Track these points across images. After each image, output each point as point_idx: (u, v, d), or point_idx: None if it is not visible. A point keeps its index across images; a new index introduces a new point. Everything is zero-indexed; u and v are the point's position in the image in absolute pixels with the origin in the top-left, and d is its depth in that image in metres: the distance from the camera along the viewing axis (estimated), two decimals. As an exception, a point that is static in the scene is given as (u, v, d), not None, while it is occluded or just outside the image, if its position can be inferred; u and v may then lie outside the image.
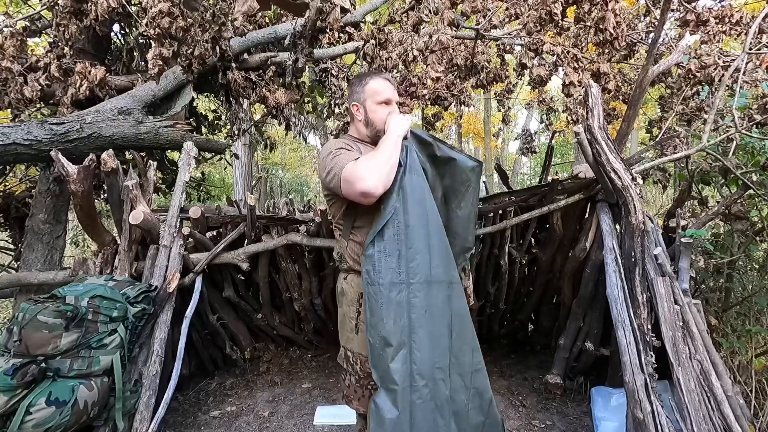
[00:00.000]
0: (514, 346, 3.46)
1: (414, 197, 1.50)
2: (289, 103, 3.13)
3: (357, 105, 1.64)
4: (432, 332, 1.49)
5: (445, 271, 1.55)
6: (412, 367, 1.44)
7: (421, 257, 1.49)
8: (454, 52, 3.57)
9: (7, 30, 2.62)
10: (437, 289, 1.52)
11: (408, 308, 1.46)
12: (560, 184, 2.46)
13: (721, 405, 1.81)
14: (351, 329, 1.63)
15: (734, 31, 3.14)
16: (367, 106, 1.62)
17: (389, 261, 1.46)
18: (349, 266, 1.65)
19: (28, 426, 1.59)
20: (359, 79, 1.65)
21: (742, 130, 2.23)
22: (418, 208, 1.50)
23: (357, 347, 1.61)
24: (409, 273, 1.47)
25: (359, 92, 1.63)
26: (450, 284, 1.56)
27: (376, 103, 1.60)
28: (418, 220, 1.50)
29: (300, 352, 3.39)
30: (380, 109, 1.60)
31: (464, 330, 1.59)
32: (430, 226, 1.53)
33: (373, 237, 1.47)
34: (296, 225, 2.65)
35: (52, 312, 1.71)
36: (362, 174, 1.38)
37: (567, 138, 11.72)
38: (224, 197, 7.92)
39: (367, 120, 1.63)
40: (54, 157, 2.10)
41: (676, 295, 2.04)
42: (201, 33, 2.43)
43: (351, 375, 1.65)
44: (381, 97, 1.60)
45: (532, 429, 2.41)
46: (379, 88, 1.60)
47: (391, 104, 1.62)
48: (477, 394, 1.58)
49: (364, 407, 1.64)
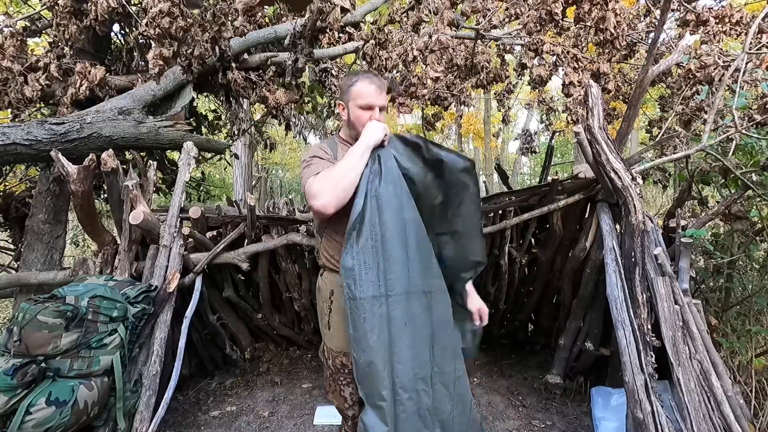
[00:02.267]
0: (514, 346, 3.46)
1: (390, 207, 1.46)
2: (289, 103, 3.13)
3: (342, 104, 1.62)
4: (413, 344, 1.48)
5: (423, 281, 1.52)
6: (395, 380, 1.45)
7: (399, 269, 1.46)
8: (454, 52, 3.57)
9: (7, 30, 2.62)
10: (416, 299, 1.50)
11: (388, 322, 1.45)
12: (560, 184, 2.46)
13: (721, 405, 1.82)
14: (324, 325, 1.67)
15: (734, 31, 3.14)
16: (350, 108, 1.58)
17: (369, 274, 1.43)
18: (323, 263, 1.68)
19: (28, 426, 1.59)
20: (348, 78, 1.62)
21: (742, 130, 2.23)
22: (394, 219, 1.46)
23: (329, 342, 1.66)
24: (388, 285, 1.45)
25: (345, 92, 1.60)
26: (429, 294, 1.54)
27: (358, 107, 1.55)
28: (395, 231, 1.46)
29: (300, 352, 3.39)
30: (362, 113, 1.55)
31: (446, 338, 1.57)
32: (409, 236, 1.49)
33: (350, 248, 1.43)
34: (296, 225, 2.65)
35: (52, 312, 1.71)
36: (315, 191, 1.40)
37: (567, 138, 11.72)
38: (224, 197, 7.92)
39: (349, 121, 1.61)
40: (54, 157, 2.10)
41: (676, 295, 2.04)
42: (201, 33, 2.43)
43: (326, 368, 1.71)
44: (363, 101, 1.54)
45: (532, 429, 2.41)
46: (363, 92, 1.54)
47: (373, 109, 1.55)
48: (460, 400, 1.59)
49: (337, 400, 1.71)
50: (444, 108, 4.05)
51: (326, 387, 1.77)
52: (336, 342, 1.62)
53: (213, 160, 5.44)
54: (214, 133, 4.27)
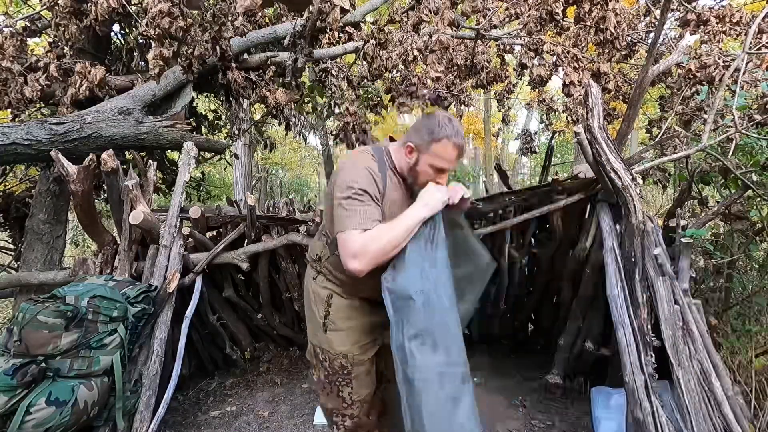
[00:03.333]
0: (514, 346, 3.46)
1: (444, 274, 1.33)
2: (289, 103, 3.14)
3: (413, 148, 1.45)
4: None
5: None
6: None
7: (459, 343, 1.31)
8: (454, 52, 3.57)
9: (7, 30, 2.62)
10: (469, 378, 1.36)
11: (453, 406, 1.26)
12: (560, 184, 2.46)
13: (721, 405, 1.81)
14: (319, 326, 1.63)
15: (734, 31, 3.14)
16: (422, 160, 1.44)
17: (424, 350, 1.25)
18: (322, 271, 1.63)
19: (28, 426, 1.59)
20: (434, 125, 1.42)
21: (742, 130, 2.23)
22: (449, 288, 1.33)
23: (326, 344, 1.61)
24: (450, 363, 1.28)
25: (425, 140, 1.42)
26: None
27: (431, 166, 1.44)
28: (451, 300, 1.32)
29: (300, 352, 3.38)
30: (432, 173, 1.45)
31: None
32: (455, 306, 1.35)
33: (399, 321, 1.28)
34: (296, 225, 2.65)
35: (52, 312, 1.71)
36: (355, 253, 1.31)
37: (567, 138, 11.72)
38: (224, 197, 7.93)
39: (413, 170, 1.48)
40: (54, 157, 2.10)
41: (676, 295, 2.03)
42: (201, 33, 2.43)
43: (320, 370, 1.66)
44: (440, 164, 1.43)
45: (532, 429, 2.41)
46: (445, 156, 1.42)
47: (445, 173, 1.46)
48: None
49: (332, 403, 1.67)
50: (444, 108, 4.05)
51: (318, 389, 1.72)
52: (336, 343, 1.59)
53: (213, 160, 5.44)
54: (214, 133, 4.27)
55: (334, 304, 1.60)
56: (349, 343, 1.59)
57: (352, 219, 1.34)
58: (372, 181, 1.41)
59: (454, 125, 1.43)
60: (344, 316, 1.60)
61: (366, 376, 1.64)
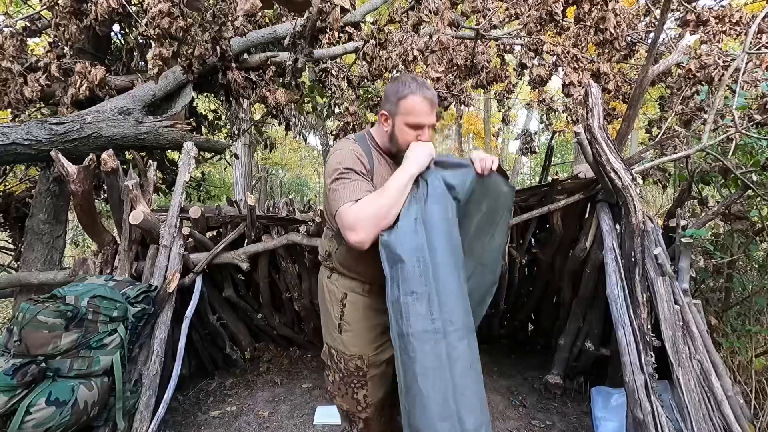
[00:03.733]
0: (514, 346, 3.46)
1: (439, 230, 1.29)
2: (289, 103, 3.13)
3: (386, 115, 1.48)
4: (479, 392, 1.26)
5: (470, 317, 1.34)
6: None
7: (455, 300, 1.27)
8: (454, 52, 3.58)
9: (7, 30, 2.62)
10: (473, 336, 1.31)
11: (449, 365, 1.22)
12: (560, 184, 2.46)
13: (721, 405, 1.81)
14: (334, 327, 1.59)
15: (734, 31, 3.14)
16: (396, 123, 1.45)
17: (418, 306, 1.23)
18: (335, 267, 1.61)
19: (28, 426, 1.59)
20: (398, 85, 1.45)
21: (742, 130, 2.23)
22: (445, 243, 1.29)
23: (341, 346, 1.58)
24: (444, 320, 1.24)
25: (393, 103, 1.45)
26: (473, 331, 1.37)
27: (406, 124, 1.43)
28: (448, 258, 1.28)
29: (300, 352, 3.39)
30: (409, 132, 1.44)
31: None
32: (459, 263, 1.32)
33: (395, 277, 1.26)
34: (296, 225, 2.65)
35: (52, 312, 1.71)
36: (352, 224, 1.29)
37: (567, 138, 11.73)
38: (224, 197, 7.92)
39: (392, 135, 1.49)
40: (54, 157, 2.10)
41: (676, 295, 2.03)
42: (201, 33, 2.43)
43: (335, 372, 1.63)
44: (413, 119, 1.43)
45: (532, 429, 2.41)
46: (415, 109, 1.42)
47: (423, 129, 1.44)
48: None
49: (348, 404, 1.63)
50: (444, 108, 4.05)
51: (333, 391, 1.66)
52: (351, 345, 1.55)
53: (213, 160, 5.44)
54: (214, 133, 4.27)
55: (350, 303, 1.56)
56: (364, 344, 1.55)
57: (343, 195, 1.35)
58: (356, 160, 1.43)
59: (418, 81, 1.44)
60: (360, 316, 1.57)
61: (382, 378, 1.60)
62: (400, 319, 1.24)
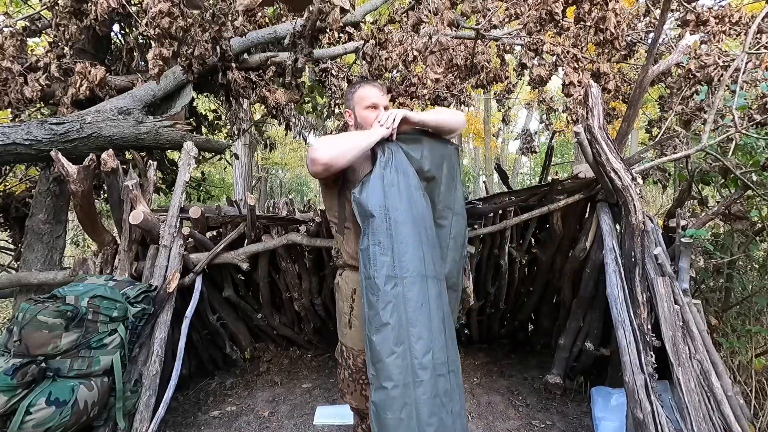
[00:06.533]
0: (514, 346, 3.46)
1: (400, 195, 1.54)
2: (289, 103, 3.13)
3: (348, 111, 1.80)
4: (430, 326, 1.49)
5: (435, 268, 1.58)
6: (413, 362, 1.43)
7: (413, 252, 1.51)
8: (454, 52, 3.57)
9: (7, 30, 2.62)
10: (432, 284, 1.54)
11: (404, 302, 1.46)
12: (560, 184, 2.46)
13: (721, 405, 1.81)
14: (345, 324, 1.67)
15: (734, 31, 3.14)
16: (357, 113, 1.76)
17: (384, 255, 1.47)
18: (345, 261, 1.70)
19: (28, 426, 1.59)
20: (350, 87, 1.84)
21: (741, 130, 2.23)
22: (406, 206, 1.54)
23: (350, 342, 1.65)
24: (402, 267, 1.48)
25: (350, 99, 1.79)
26: (441, 281, 1.61)
27: (364, 108, 1.74)
28: (408, 216, 1.53)
29: (300, 352, 3.39)
30: (368, 113, 1.73)
31: (452, 329, 1.61)
32: (419, 223, 1.56)
33: (366, 229, 1.50)
34: (296, 225, 2.65)
35: (52, 312, 1.71)
36: (316, 146, 1.53)
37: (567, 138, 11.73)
38: (224, 197, 7.92)
39: (356, 124, 1.77)
40: (54, 157, 2.10)
41: (676, 295, 2.03)
42: (201, 33, 2.43)
43: (345, 369, 1.70)
44: (368, 101, 1.73)
45: (532, 429, 2.41)
46: (366, 94, 1.74)
47: (378, 108, 1.73)
48: (462, 395, 1.60)
49: (357, 401, 1.70)
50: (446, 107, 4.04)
51: (343, 389, 1.74)
52: (359, 340, 1.61)
53: (213, 160, 5.44)
54: (214, 133, 4.27)
55: (358, 298, 1.62)
56: None
57: (315, 143, 1.61)
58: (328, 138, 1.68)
59: (366, 79, 1.87)
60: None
61: None
62: (368, 264, 1.47)
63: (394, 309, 1.44)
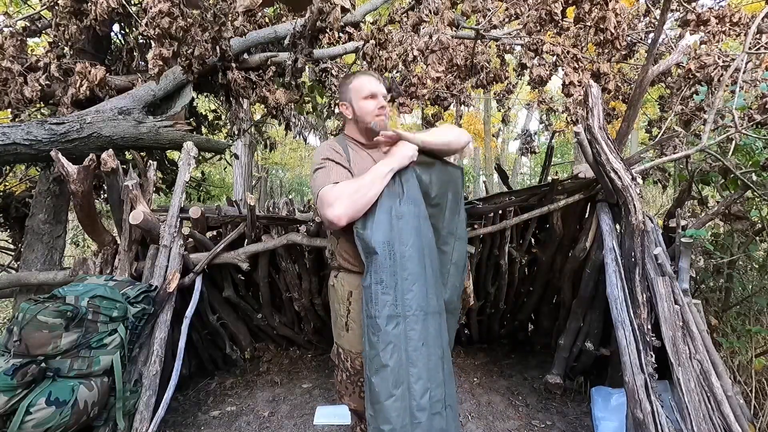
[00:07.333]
0: (514, 346, 3.46)
1: (411, 226, 1.49)
2: (289, 103, 3.13)
3: (345, 104, 1.70)
4: (428, 365, 1.47)
5: (437, 302, 1.55)
6: (412, 404, 1.42)
7: (418, 288, 1.48)
8: (454, 52, 3.57)
9: (7, 30, 2.62)
10: (432, 319, 1.52)
11: (405, 342, 1.44)
12: (560, 184, 2.46)
13: (721, 405, 1.81)
14: (342, 327, 1.65)
15: (734, 31, 3.14)
16: (354, 104, 1.67)
17: (386, 294, 1.43)
18: (340, 264, 1.67)
19: (28, 426, 1.59)
20: (344, 79, 1.73)
21: (741, 130, 2.23)
22: (414, 239, 1.49)
23: (347, 344, 1.63)
24: (405, 305, 1.45)
25: (345, 92, 1.69)
26: (441, 315, 1.58)
27: (362, 98, 1.65)
28: (414, 251, 1.48)
29: (300, 352, 3.39)
30: (367, 103, 1.65)
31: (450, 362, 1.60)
32: (425, 255, 1.52)
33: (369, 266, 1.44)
34: (296, 225, 2.65)
35: (52, 312, 1.71)
36: (332, 200, 1.40)
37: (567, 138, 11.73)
38: (224, 197, 7.93)
39: (355, 117, 1.68)
40: (54, 157, 2.10)
41: (676, 295, 2.03)
42: (201, 33, 2.43)
43: (342, 371, 1.68)
44: (365, 91, 1.64)
45: (532, 429, 2.41)
46: (363, 84, 1.65)
47: (377, 98, 1.65)
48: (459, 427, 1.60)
49: (355, 403, 1.69)
50: (444, 108, 4.05)
51: (340, 390, 1.73)
52: (357, 343, 1.60)
53: (213, 160, 5.44)
54: (214, 133, 4.27)
55: (355, 301, 1.60)
56: None
57: (323, 180, 1.48)
58: (333, 151, 1.61)
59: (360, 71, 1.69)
60: None
61: None
62: (370, 303, 1.43)
63: (394, 350, 1.42)
